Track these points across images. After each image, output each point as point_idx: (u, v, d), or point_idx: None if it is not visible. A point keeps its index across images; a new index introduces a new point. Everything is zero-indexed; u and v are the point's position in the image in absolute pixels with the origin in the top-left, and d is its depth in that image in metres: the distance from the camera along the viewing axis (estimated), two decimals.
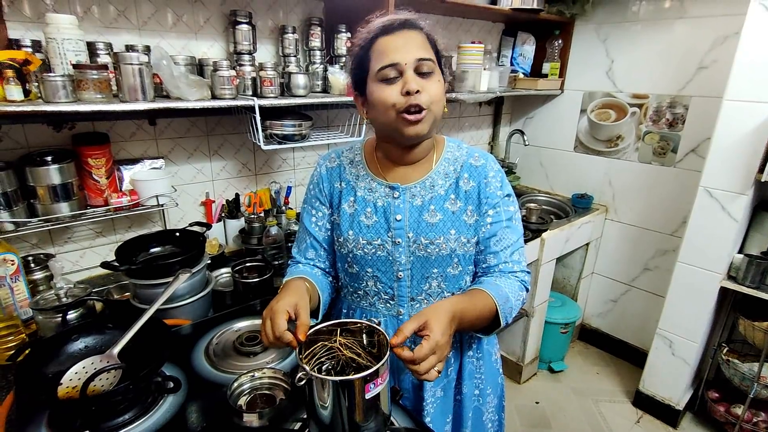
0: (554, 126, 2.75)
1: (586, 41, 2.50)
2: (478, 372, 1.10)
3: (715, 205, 1.85)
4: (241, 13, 1.51)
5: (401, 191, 0.98)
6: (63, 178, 1.30)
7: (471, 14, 2.35)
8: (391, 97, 0.87)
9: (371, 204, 1.00)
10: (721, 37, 2.03)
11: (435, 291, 1.00)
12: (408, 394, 1.06)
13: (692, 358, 2.07)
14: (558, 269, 2.69)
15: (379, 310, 1.03)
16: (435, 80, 0.89)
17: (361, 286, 1.03)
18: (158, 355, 0.91)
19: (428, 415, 1.04)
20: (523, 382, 2.47)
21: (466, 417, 1.09)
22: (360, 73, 0.93)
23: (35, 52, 1.21)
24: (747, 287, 1.83)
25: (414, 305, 1.01)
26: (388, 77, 0.87)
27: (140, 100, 1.23)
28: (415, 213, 0.97)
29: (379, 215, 0.98)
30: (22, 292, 1.23)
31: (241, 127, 1.75)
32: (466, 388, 1.08)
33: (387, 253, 0.97)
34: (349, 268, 1.03)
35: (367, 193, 1.01)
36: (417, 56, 0.86)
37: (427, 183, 0.99)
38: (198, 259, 1.31)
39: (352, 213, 1.00)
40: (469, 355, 1.07)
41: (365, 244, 0.98)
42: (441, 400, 1.06)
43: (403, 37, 0.88)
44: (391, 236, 0.97)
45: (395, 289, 1.00)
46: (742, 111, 1.72)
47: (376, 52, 0.89)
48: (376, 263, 0.99)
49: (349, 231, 1.00)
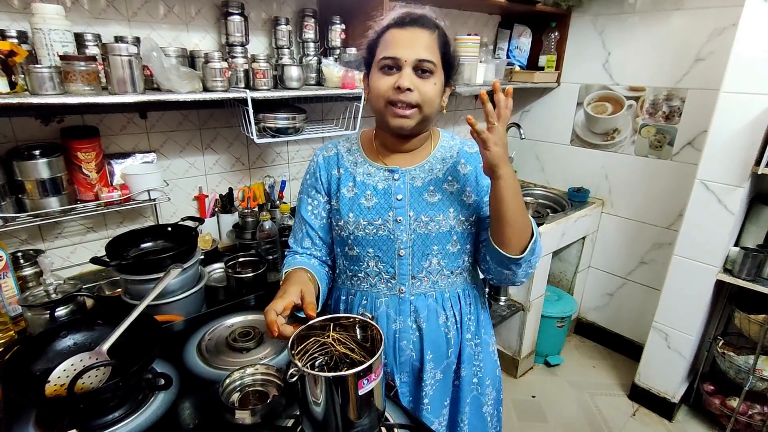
0: (551, 119, 2.73)
1: (582, 33, 2.48)
2: (477, 359, 1.12)
3: (712, 197, 1.85)
4: (234, 4, 1.48)
5: (401, 174, 1.02)
6: (52, 173, 1.28)
7: (467, 6, 2.32)
8: (383, 87, 0.92)
9: (371, 187, 1.02)
10: (719, 28, 2.01)
11: (435, 269, 1.03)
12: (407, 376, 1.07)
13: (688, 351, 2.07)
14: (554, 263, 2.69)
15: (380, 290, 1.04)
16: (431, 82, 0.92)
17: (362, 267, 1.04)
18: (149, 352, 0.89)
19: (426, 397, 1.06)
20: (519, 376, 2.47)
21: (463, 403, 1.11)
22: (369, 58, 0.98)
23: (21, 44, 1.18)
24: (743, 280, 1.83)
25: (415, 283, 1.03)
26: (387, 68, 0.91)
27: (130, 92, 1.20)
28: (416, 193, 1.01)
29: (379, 197, 1.01)
30: (10, 289, 1.21)
31: (234, 120, 1.73)
32: (465, 371, 1.10)
33: (388, 231, 1.00)
34: (350, 250, 1.04)
35: (366, 177, 1.03)
36: (419, 56, 0.89)
37: (426, 167, 1.03)
38: (190, 254, 1.29)
39: (352, 197, 1.03)
40: (467, 338, 1.09)
41: (366, 224, 1.01)
42: (440, 383, 1.08)
43: (411, 34, 0.91)
44: (392, 215, 1.00)
45: (396, 268, 1.02)
46: (739, 103, 1.71)
47: (384, 41, 0.93)
48: (378, 243, 1.01)
49: (350, 213, 1.02)
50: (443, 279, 1.04)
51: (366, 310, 1.06)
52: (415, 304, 1.03)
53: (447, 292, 1.06)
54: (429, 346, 1.04)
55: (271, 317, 0.79)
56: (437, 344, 1.05)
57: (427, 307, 1.04)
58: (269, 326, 0.78)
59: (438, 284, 1.04)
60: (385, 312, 1.04)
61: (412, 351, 1.05)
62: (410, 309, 1.03)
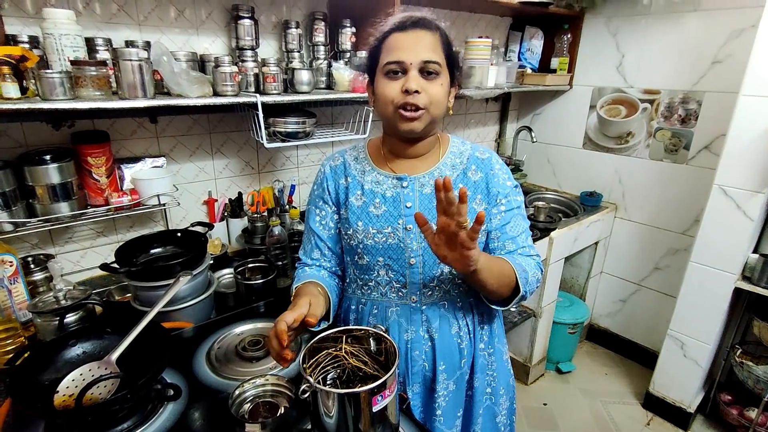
0: (563, 122, 2.69)
1: (595, 35, 2.44)
2: (490, 368, 1.10)
3: (730, 203, 1.80)
4: (244, 8, 1.47)
5: (410, 181, 1.00)
6: (62, 178, 1.27)
7: (478, 8, 2.30)
8: (391, 93, 0.91)
9: (379, 195, 1.01)
10: (737, 30, 1.97)
11: (447, 278, 1.01)
12: (419, 387, 1.05)
13: (704, 360, 2.02)
14: (566, 268, 2.64)
15: (391, 299, 1.03)
16: (438, 83, 0.91)
17: (372, 276, 1.03)
18: (158, 362, 0.88)
19: (439, 408, 1.04)
20: (530, 383, 2.43)
21: (476, 414, 1.09)
22: (372, 64, 0.97)
23: (32, 48, 1.18)
24: (762, 288, 1.78)
25: (426, 292, 1.01)
26: (393, 72, 0.91)
27: (140, 97, 1.19)
28: (425, 200, 0.99)
29: (388, 204, 1.00)
30: (21, 294, 1.20)
31: (243, 124, 1.72)
32: (478, 382, 1.08)
33: (398, 240, 0.98)
34: (359, 259, 1.03)
35: (375, 185, 1.02)
36: (423, 57, 0.89)
37: (435, 173, 1.01)
38: (200, 260, 1.28)
39: (361, 205, 1.02)
40: (481, 348, 1.08)
41: (375, 233, 0.99)
42: (453, 394, 1.06)
43: (414, 36, 0.90)
44: (401, 223, 0.98)
45: (407, 277, 1.00)
46: (759, 107, 1.67)
47: (387, 46, 0.92)
48: (388, 251, 0.99)
49: (358, 222, 1.00)
50: (455, 288, 1.02)
51: (377, 319, 1.04)
52: (427, 313, 1.02)
53: (459, 301, 1.04)
54: (442, 357, 1.02)
55: (281, 327, 0.78)
56: (450, 355, 1.03)
57: (439, 317, 1.02)
58: (279, 334, 0.77)
59: (450, 293, 1.02)
60: (396, 321, 1.02)
61: (424, 361, 1.03)
62: (422, 318, 1.02)
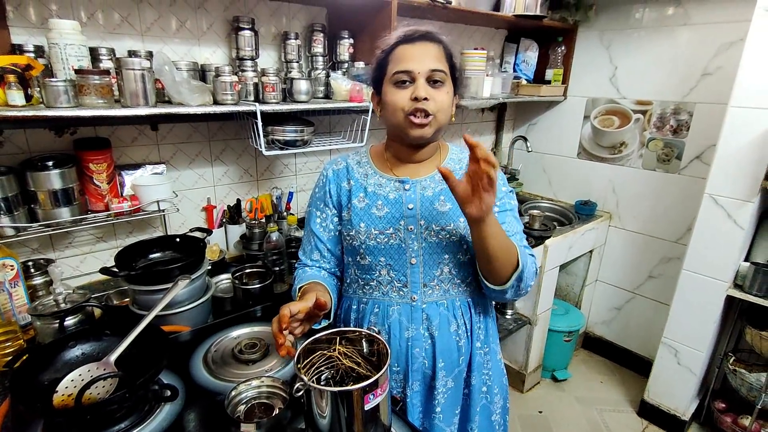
0: (557, 132, 2.74)
1: (589, 48, 2.49)
2: (486, 367, 1.13)
3: (721, 212, 1.83)
4: (244, 20, 1.51)
5: (412, 184, 1.04)
6: (64, 183, 1.30)
7: (474, 21, 2.35)
8: (401, 101, 0.95)
9: (382, 197, 1.04)
10: (726, 43, 2.02)
11: (446, 277, 1.04)
12: (419, 385, 1.07)
13: (698, 368, 2.04)
14: (561, 277, 2.67)
15: (392, 298, 1.06)
16: (444, 91, 0.96)
17: (374, 276, 1.06)
18: (156, 363, 0.89)
19: (438, 405, 1.07)
20: (526, 390, 2.44)
21: (473, 412, 1.11)
22: (379, 75, 1.01)
23: (38, 58, 1.21)
24: (754, 296, 1.80)
25: (426, 291, 1.04)
26: (402, 82, 0.95)
27: (142, 105, 1.22)
28: (427, 202, 1.03)
29: (390, 206, 1.03)
30: (21, 298, 1.22)
31: (242, 132, 1.75)
32: (475, 380, 1.10)
33: (400, 240, 1.02)
34: (361, 260, 1.06)
35: (377, 188, 1.06)
36: (431, 67, 0.93)
37: (436, 177, 1.05)
38: (198, 265, 1.30)
39: (363, 207, 1.05)
40: (477, 347, 1.10)
41: (377, 234, 1.03)
42: (451, 391, 1.08)
43: (421, 48, 0.95)
44: (403, 224, 1.02)
45: (408, 276, 1.03)
46: (747, 118, 1.71)
47: (395, 57, 0.97)
48: (389, 251, 1.03)
49: (361, 223, 1.04)
50: (454, 288, 1.06)
51: (378, 318, 1.07)
52: (427, 312, 1.04)
53: (458, 300, 1.07)
54: (441, 354, 1.05)
55: (284, 311, 0.82)
56: (449, 352, 1.06)
57: (439, 315, 1.05)
58: (281, 318, 0.81)
59: (449, 293, 1.06)
60: (397, 320, 1.05)
61: (424, 359, 1.06)
62: (422, 317, 1.05)
